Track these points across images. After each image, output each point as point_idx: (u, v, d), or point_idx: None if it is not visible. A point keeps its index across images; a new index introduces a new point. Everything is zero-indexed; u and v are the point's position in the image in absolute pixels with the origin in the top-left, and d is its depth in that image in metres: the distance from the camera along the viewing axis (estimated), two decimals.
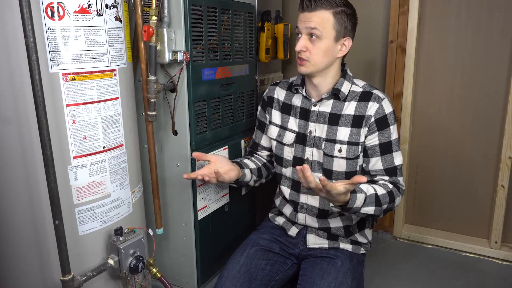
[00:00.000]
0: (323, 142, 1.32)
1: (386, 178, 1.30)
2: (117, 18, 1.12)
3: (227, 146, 1.58)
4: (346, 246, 1.38)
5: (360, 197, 1.18)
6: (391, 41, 1.92)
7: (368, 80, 1.38)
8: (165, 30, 1.30)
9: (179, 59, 1.32)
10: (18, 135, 1.02)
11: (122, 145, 1.18)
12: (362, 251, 1.41)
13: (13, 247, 1.11)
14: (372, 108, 1.28)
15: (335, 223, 1.38)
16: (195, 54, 1.37)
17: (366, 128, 1.28)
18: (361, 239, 1.40)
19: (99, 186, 1.13)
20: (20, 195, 1.06)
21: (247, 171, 1.43)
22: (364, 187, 1.23)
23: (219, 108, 1.54)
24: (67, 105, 1.03)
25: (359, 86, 1.33)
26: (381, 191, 1.25)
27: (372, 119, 1.27)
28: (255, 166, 1.48)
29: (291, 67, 2.17)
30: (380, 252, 1.95)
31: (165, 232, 1.53)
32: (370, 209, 1.22)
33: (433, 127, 1.96)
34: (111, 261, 1.15)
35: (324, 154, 1.32)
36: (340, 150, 1.30)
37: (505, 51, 1.75)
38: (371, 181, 1.32)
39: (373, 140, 1.28)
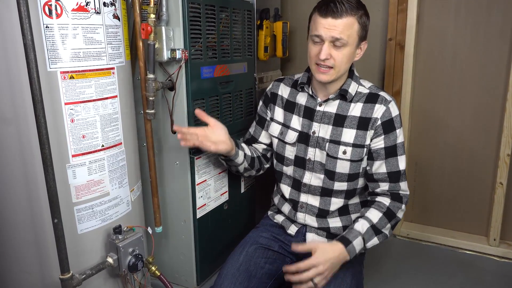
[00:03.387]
0: (327, 143, 1.31)
1: (386, 187, 1.29)
2: (115, 16, 1.12)
3: None
4: None
5: (357, 242, 1.21)
6: (390, 39, 1.92)
7: (367, 78, 1.38)
8: (163, 28, 1.30)
9: (177, 57, 1.32)
10: (17, 134, 1.02)
11: (120, 143, 1.18)
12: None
13: (13, 246, 1.11)
14: (379, 111, 1.26)
15: (335, 223, 1.38)
16: (193, 52, 1.37)
17: (372, 131, 1.27)
18: None
19: (98, 184, 1.13)
20: (19, 194, 1.06)
21: (241, 153, 1.41)
22: (359, 225, 1.24)
23: (217, 106, 1.54)
24: (66, 104, 1.03)
25: (365, 87, 1.32)
26: (376, 216, 1.25)
27: (379, 122, 1.26)
28: (250, 154, 1.45)
29: (290, 65, 2.17)
30: (379, 250, 1.95)
31: (164, 231, 1.53)
32: (374, 241, 1.24)
33: (432, 125, 1.96)
34: (110, 260, 1.15)
35: (328, 155, 1.31)
36: (344, 152, 1.29)
37: (503, 49, 1.75)
38: (369, 200, 1.33)
39: (379, 143, 1.28)
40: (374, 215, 1.25)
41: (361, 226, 1.23)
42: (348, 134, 1.29)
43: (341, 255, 1.19)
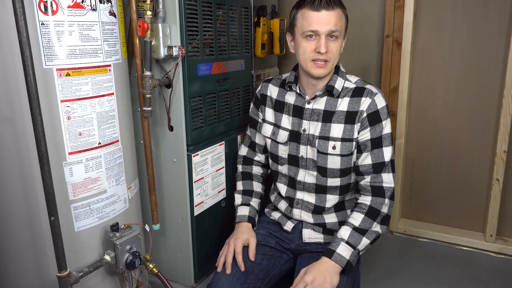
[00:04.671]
0: (317, 140, 1.32)
1: (369, 179, 1.28)
2: (112, 13, 1.11)
3: (223, 142, 1.57)
4: None
5: (341, 249, 1.20)
6: (387, 36, 1.92)
7: (364, 75, 1.38)
8: (160, 25, 1.29)
9: (174, 55, 1.31)
10: (13, 131, 1.01)
11: (117, 141, 1.18)
12: None
13: (10, 244, 1.10)
14: (364, 103, 1.27)
15: (330, 218, 1.38)
16: (190, 50, 1.37)
17: (359, 124, 1.28)
18: None
19: (95, 182, 1.13)
20: (16, 192, 1.06)
21: (256, 219, 1.46)
22: (341, 231, 1.24)
23: (215, 104, 1.53)
24: (62, 101, 1.03)
25: (352, 82, 1.32)
26: (358, 219, 1.25)
27: (365, 114, 1.27)
28: (259, 200, 1.50)
29: (287, 62, 2.17)
30: (376, 246, 1.95)
31: (161, 228, 1.53)
32: (365, 241, 1.23)
33: (429, 121, 1.97)
34: (107, 257, 1.15)
35: (318, 151, 1.32)
36: (334, 147, 1.30)
37: (500, 45, 1.75)
38: (354, 203, 1.33)
39: (365, 135, 1.28)
40: (356, 217, 1.26)
41: (344, 232, 1.24)
42: (336, 129, 1.29)
43: (331, 267, 1.19)
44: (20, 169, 1.04)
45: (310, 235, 1.39)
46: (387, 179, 1.28)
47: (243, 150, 1.57)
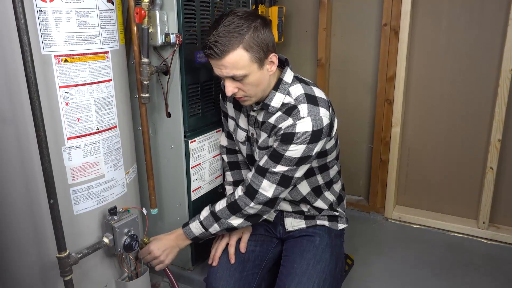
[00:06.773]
0: (257, 146, 1.32)
1: (250, 175, 1.23)
2: (109, 0, 1.12)
3: (220, 129, 1.59)
4: (323, 222, 1.40)
5: (193, 225, 1.32)
6: (384, 24, 1.92)
7: (361, 64, 1.37)
8: (157, 12, 1.30)
9: (171, 42, 1.32)
10: (12, 117, 1.03)
11: (115, 126, 1.20)
12: (341, 226, 1.42)
13: (10, 227, 1.13)
14: (285, 123, 1.18)
15: (305, 207, 1.39)
16: (187, 37, 1.38)
17: (274, 137, 1.22)
18: (335, 213, 1.42)
19: (93, 166, 1.15)
20: (15, 176, 1.08)
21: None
22: (203, 211, 1.33)
23: (212, 91, 1.55)
24: (60, 87, 1.04)
25: (293, 98, 1.20)
26: (220, 205, 1.28)
27: (281, 132, 1.18)
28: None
29: (285, 50, 2.17)
30: (371, 232, 1.99)
31: (159, 213, 1.56)
32: (215, 227, 1.28)
33: (425, 110, 1.98)
34: (106, 240, 1.18)
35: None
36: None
37: (497, 35, 1.76)
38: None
39: (273, 143, 1.21)
40: (220, 204, 1.29)
41: (204, 212, 1.31)
42: (262, 138, 1.28)
43: (178, 236, 1.33)
44: (20, 154, 1.06)
45: (292, 224, 1.41)
46: (261, 185, 1.20)
47: (224, 141, 1.54)
